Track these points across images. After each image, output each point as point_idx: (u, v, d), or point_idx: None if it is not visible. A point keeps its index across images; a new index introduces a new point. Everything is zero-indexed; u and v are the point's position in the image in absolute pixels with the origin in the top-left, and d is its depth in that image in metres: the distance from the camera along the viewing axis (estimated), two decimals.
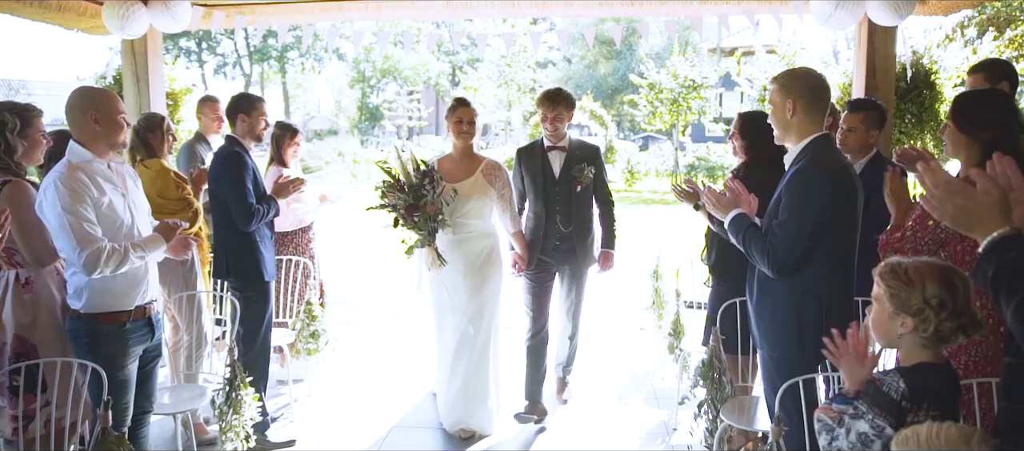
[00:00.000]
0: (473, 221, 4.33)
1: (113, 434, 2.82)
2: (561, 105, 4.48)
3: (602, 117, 23.17)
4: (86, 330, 3.07)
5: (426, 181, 4.12)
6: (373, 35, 7.15)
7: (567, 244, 4.56)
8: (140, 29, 5.21)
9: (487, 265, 4.38)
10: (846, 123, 4.13)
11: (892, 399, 1.96)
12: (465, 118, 4.33)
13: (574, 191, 4.52)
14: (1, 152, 3.17)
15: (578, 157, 4.54)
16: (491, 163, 4.39)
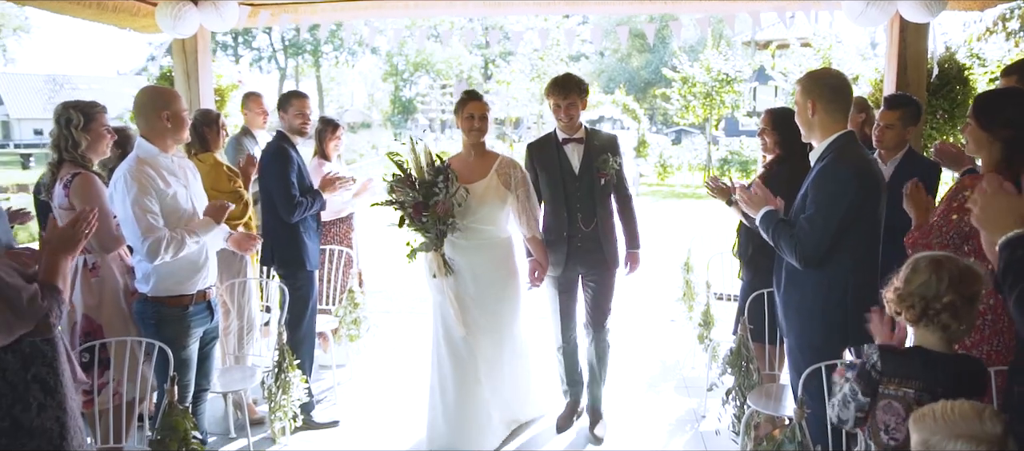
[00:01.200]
0: (486, 227, 3.98)
1: (179, 408, 3.04)
2: (573, 92, 4.07)
3: (635, 111, 23.14)
4: (153, 312, 3.31)
5: (440, 178, 3.81)
6: (407, 29, 7.33)
7: (591, 244, 4.18)
8: (191, 28, 5.46)
9: (502, 277, 4.06)
10: (883, 120, 4.12)
11: (865, 369, 2.20)
12: (476, 113, 3.95)
13: (598, 185, 4.15)
14: (68, 147, 3.41)
15: (598, 148, 4.16)
16: (506, 160, 4.05)
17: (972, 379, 2.18)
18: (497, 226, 4.02)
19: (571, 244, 4.18)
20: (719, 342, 4.77)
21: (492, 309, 4.04)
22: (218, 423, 4.53)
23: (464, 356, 4.03)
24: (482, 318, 4.02)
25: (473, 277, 4.00)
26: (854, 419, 2.22)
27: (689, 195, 19.24)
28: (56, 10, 5.44)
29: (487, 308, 4.03)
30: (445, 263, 3.93)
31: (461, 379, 4.04)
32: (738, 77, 21.86)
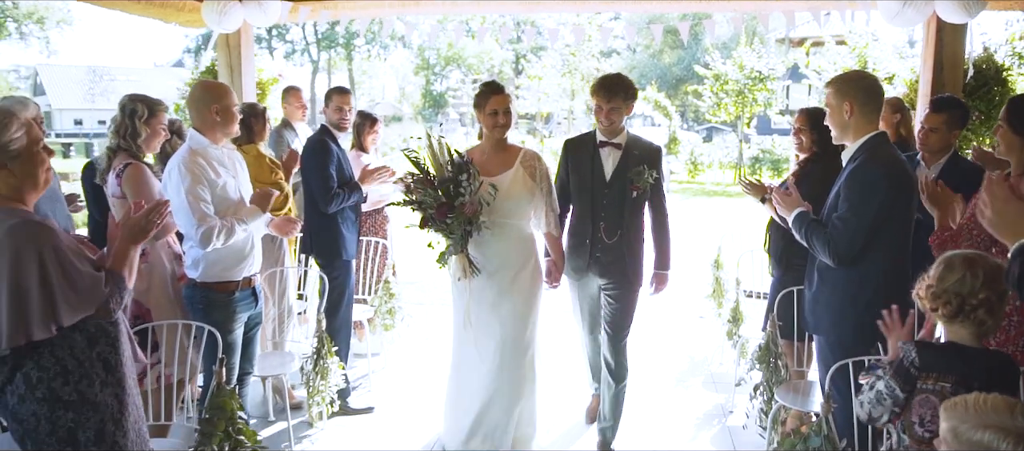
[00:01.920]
0: (513, 221, 3.76)
1: (226, 389, 3.19)
2: (619, 96, 3.79)
3: (666, 107, 23.11)
4: (201, 297, 3.46)
5: (463, 176, 3.54)
6: (439, 22, 7.43)
7: (612, 257, 3.90)
8: (235, 23, 5.62)
9: (527, 274, 3.83)
10: (927, 123, 4.04)
11: (903, 365, 2.23)
12: (500, 108, 3.68)
13: (628, 197, 3.85)
14: (128, 135, 3.58)
15: (636, 157, 3.85)
16: (530, 152, 3.84)
17: (1003, 374, 2.24)
18: (524, 220, 3.83)
19: (591, 253, 3.92)
20: (748, 339, 4.83)
21: (517, 310, 3.79)
22: (257, 407, 4.69)
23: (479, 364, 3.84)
24: (508, 320, 3.78)
25: (500, 276, 3.77)
26: (889, 414, 2.28)
27: (719, 193, 19.16)
28: (109, 6, 5.63)
29: (513, 309, 3.78)
30: (471, 264, 3.70)
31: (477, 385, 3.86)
32: (771, 75, 21.71)
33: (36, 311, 2.22)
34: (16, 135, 2.24)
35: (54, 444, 2.33)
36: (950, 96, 4.48)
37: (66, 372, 2.33)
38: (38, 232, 2.25)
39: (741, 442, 4.24)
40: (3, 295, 2.19)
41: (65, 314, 2.27)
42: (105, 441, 2.39)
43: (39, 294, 2.21)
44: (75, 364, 2.35)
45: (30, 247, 2.21)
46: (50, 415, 2.32)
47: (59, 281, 2.24)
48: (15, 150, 2.25)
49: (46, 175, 2.37)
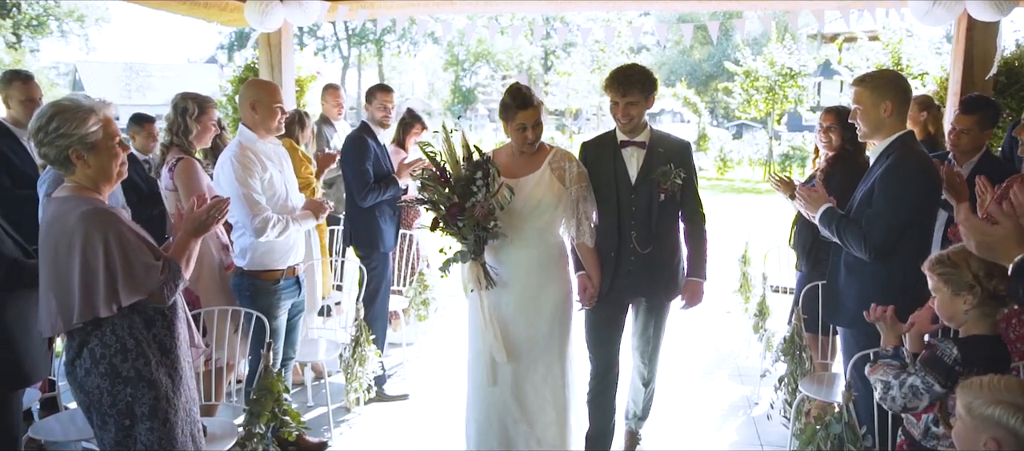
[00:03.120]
0: (538, 230, 3.41)
1: (272, 372, 3.37)
2: (635, 88, 3.40)
3: (695, 104, 23.06)
4: (248, 285, 3.65)
5: (478, 174, 3.23)
6: (469, 19, 7.59)
7: (645, 269, 3.54)
8: (276, 23, 5.81)
9: (555, 290, 3.46)
10: (958, 124, 4.05)
11: (945, 363, 2.29)
12: (528, 122, 3.31)
13: (656, 200, 3.49)
14: (180, 132, 3.78)
15: (662, 156, 3.49)
16: (560, 152, 3.47)
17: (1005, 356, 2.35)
18: (550, 229, 3.46)
19: (620, 266, 3.54)
20: (774, 332, 4.91)
21: (539, 329, 3.43)
22: (296, 395, 4.88)
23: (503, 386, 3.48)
24: (527, 341, 3.43)
25: (520, 290, 3.41)
26: (925, 406, 2.34)
27: (749, 190, 19.10)
28: (155, 5, 5.86)
29: (533, 328, 3.43)
30: (486, 274, 3.36)
31: (499, 413, 3.52)
32: (802, 71, 21.56)
33: (101, 291, 2.40)
34: (93, 129, 2.43)
35: (114, 416, 2.52)
36: (980, 96, 4.46)
37: (125, 350, 2.51)
38: (106, 219, 2.44)
39: (765, 432, 4.34)
40: (75, 274, 2.39)
41: (124, 295, 2.44)
42: (157, 416, 2.56)
43: (104, 275, 2.39)
44: (133, 343, 2.53)
45: (98, 232, 2.39)
46: (111, 389, 2.50)
47: (120, 265, 2.42)
48: (92, 142, 2.44)
49: (120, 169, 2.55)
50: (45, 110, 2.43)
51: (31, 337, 2.74)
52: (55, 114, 2.41)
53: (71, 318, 2.41)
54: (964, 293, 2.32)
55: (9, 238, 2.69)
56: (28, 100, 4.31)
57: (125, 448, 2.55)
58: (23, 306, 2.71)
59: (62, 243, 2.40)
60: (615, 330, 3.70)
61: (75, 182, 2.50)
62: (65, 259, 2.39)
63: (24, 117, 4.24)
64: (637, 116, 3.48)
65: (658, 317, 3.71)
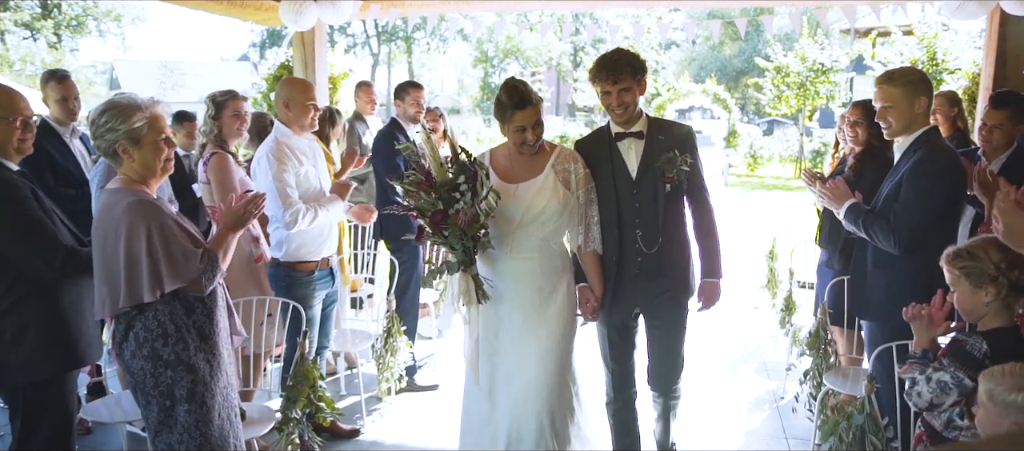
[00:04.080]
0: (540, 240, 3.09)
1: (308, 360, 3.49)
2: (625, 74, 3.08)
3: (726, 100, 22.91)
4: (284, 275, 3.78)
5: (462, 178, 2.91)
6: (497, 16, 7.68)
7: (654, 270, 3.24)
8: (310, 22, 5.94)
9: (560, 302, 3.16)
10: (989, 120, 4.01)
11: (975, 357, 2.32)
12: (528, 123, 3.02)
13: (662, 191, 3.18)
14: (209, 129, 3.93)
15: (664, 143, 3.18)
16: (565, 153, 3.18)
17: None
18: (555, 238, 3.16)
19: (625, 271, 3.24)
20: (800, 326, 4.94)
21: (543, 347, 3.12)
22: (330, 384, 5.01)
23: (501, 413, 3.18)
24: (529, 359, 3.12)
25: (521, 304, 3.11)
26: (952, 401, 2.36)
27: (779, 187, 18.96)
28: (193, 5, 6.03)
29: (536, 346, 3.12)
30: (479, 288, 3.03)
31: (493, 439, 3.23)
32: (834, 67, 21.31)
33: (145, 277, 2.54)
34: (138, 124, 2.57)
35: (156, 397, 2.67)
36: (1011, 91, 4.44)
37: (166, 334, 2.65)
38: (149, 210, 2.59)
39: (790, 426, 4.37)
40: (121, 261, 2.53)
41: (167, 281, 2.58)
42: (195, 399, 2.69)
43: (147, 262, 2.54)
44: (173, 328, 2.66)
45: (142, 222, 2.54)
46: (153, 370, 2.65)
47: (163, 253, 2.57)
48: (136, 137, 2.58)
49: (165, 165, 2.69)
50: (100, 105, 2.60)
51: (86, 321, 2.89)
52: (106, 109, 2.57)
53: (118, 302, 2.56)
54: (986, 286, 2.35)
55: (65, 227, 2.84)
56: (63, 99, 4.43)
57: (166, 427, 2.70)
58: (78, 292, 2.86)
59: (110, 232, 2.55)
60: (629, 340, 3.43)
61: (125, 175, 2.65)
62: (112, 247, 2.54)
63: (62, 115, 4.41)
64: (632, 103, 3.16)
65: (675, 327, 3.36)
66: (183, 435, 2.70)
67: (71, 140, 4.46)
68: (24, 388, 2.80)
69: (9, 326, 2.74)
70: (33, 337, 2.77)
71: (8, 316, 2.74)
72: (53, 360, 2.82)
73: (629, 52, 3.15)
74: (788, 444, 4.19)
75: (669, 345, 3.37)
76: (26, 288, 2.76)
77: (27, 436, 2.83)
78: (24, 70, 32.16)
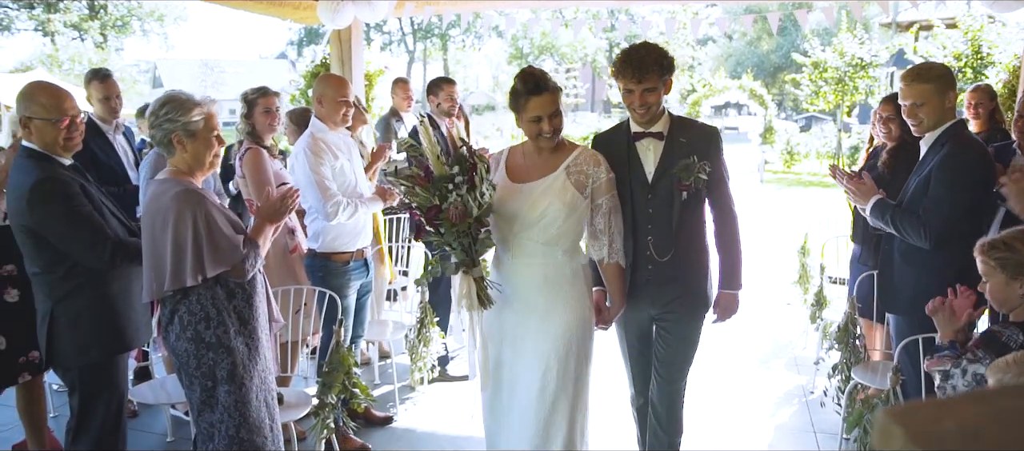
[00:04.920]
0: (543, 244, 2.84)
1: (343, 348, 3.62)
2: (652, 72, 2.85)
3: (762, 96, 22.68)
4: (320, 266, 3.91)
5: (457, 169, 2.71)
6: (532, 13, 7.75)
7: (663, 281, 3.03)
8: (347, 20, 6.08)
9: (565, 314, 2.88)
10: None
11: (1012, 348, 2.34)
12: (545, 113, 2.80)
13: (678, 198, 2.96)
14: (242, 126, 4.08)
15: (684, 147, 2.96)
16: (586, 155, 2.91)
17: None
18: (559, 243, 2.86)
19: (638, 277, 3.06)
20: (831, 321, 4.94)
21: (546, 361, 2.86)
22: (363, 373, 5.15)
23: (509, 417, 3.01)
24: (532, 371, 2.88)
25: (522, 309, 2.90)
26: None
27: (815, 183, 18.73)
28: (233, 5, 6.22)
29: (538, 358, 2.87)
30: (484, 291, 2.84)
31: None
32: (874, 61, 20.97)
33: (189, 262, 2.68)
34: (195, 118, 2.73)
35: (199, 377, 2.81)
36: None
37: (208, 318, 2.79)
38: (195, 199, 2.73)
39: (819, 419, 4.39)
40: (168, 247, 2.68)
41: (209, 267, 2.73)
42: (235, 381, 2.83)
43: (192, 248, 2.68)
44: (215, 312, 2.80)
45: (188, 210, 2.69)
46: (196, 352, 2.79)
47: (206, 239, 2.71)
48: (192, 130, 2.74)
49: (213, 160, 2.85)
50: (162, 97, 2.77)
51: (133, 308, 3.04)
52: (168, 102, 2.74)
53: (164, 285, 2.70)
54: (1022, 277, 2.37)
55: (115, 217, 2.99)
56: (106, 98, 4.59)
57: (208, 407, 2.85)
58: (126, 281, 3.01)
59: (158, 219, 2.70)
60: (646, 345, 3.23)
61: (174, 166, 2.79)
62: (160, 233, 2.69)
63: (105, 113, 4.58)
64: (656, 104, 2.93)
65: (683, 338, 3.12)
66: (223, 415, 2.84)
67: (115, 137, 4.63)
68: (80, 370, 2.96)
69: (64, 313, 2.90)
70: (86, 323, 2.92)
71: (63, 303, 2.90)
72: (104, 344, 2.97)
73: (658, 49, 2.89)
74: (816, 438, 4.20)
75: (675, 348, 3.11)
76: (80, 278, 2.91)
77: (84, 413, 3.01)
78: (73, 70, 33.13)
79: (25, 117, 2.82)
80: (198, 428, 2.91)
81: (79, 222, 2.82)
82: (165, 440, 4.20)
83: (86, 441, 3.02)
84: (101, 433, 3.02)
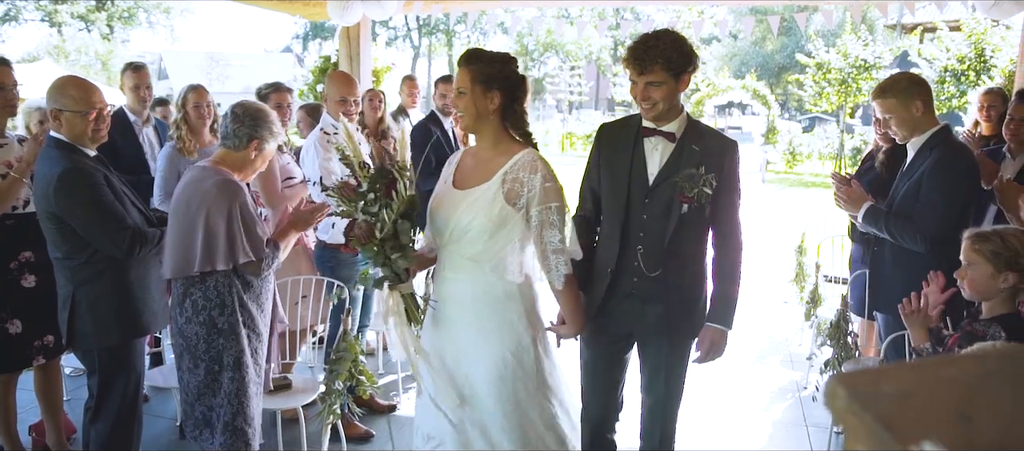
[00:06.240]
0: (470, 260, 2.54)
1: (351, 336, 3.73)
2: (656, 63, 2.52)
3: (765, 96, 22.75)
4: (330, 257, 4.03)
5: (378, 185, 2.51)
6: (537, 11, 7.86)
7: (648, 298, 2.70)
8: (356, 17, 6.20)
9: (500, 338, 2.57)
10: (1018, 114, 4.00)
11: None
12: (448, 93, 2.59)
13: (677, 209, 2.62)
14: None
15: (695, 155, 2.62)
16: (525, 161, 2.51)
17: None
18: (487, 260, 2.53)
19: (618, 287, 2.72)
20: (825, 319, 5.04)
21: (479, 389, 2.58)
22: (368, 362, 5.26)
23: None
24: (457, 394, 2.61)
25: (454, 331, 2.63)
26: None
27: (818, 184, 18.83)
28: (248, 1, 6.32)
29: (472, 385, 2.59)
30: (413, 308, 2.63)
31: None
32: (877, 63, 21.05)
33: (221, 247, 2.85)
34: (274, 145, 3.03)
35: (206, 361, 2.97)
36: None
37: (223, 305, 2.95)
38: (236, 190, 2.91)
39: (811, 413, 4.50)
40: (199, 230, 2.84)
41: (240, 254, 2.90)
42: (239, 369, 3.00)
43: (226, 235, 2.85)
44: (231, 301, 2.96)
45: (225, 200, 2.86)
46: (206, 336, 2.94)
47: (241, 229, 2.88)
48: (262, 146, 3.00)
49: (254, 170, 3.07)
50: (265, 109, 3.09)
51: (149, 294, 3.16)
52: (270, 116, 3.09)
53: (192, 266, 2.86)
54: (1006, 272, 2.46)
55: (135, 207, 3.11)
56: (136, 87, 4.71)
57: (210, 391, 3.01)
58: (144, 269, 3.14)
59: (194, 201, 2.86)
60: (615, 368, 2.89)
61: (222, 160, 2.99)
62: (194, 215, 2.84)
63: (136, 104, 4.71)
64: (662, 100, 2.58)
65: (671, 365, 2.80)
66: (223, 400, 3.00)
67: (142, 129, 4.74)
68: (99, 352, 3.09)
69: (85, 297, 3.02)
70: (104, 307, 3.04)
71: (84, 287, 3.03)
72: (120, 328, 3.09)
73: (672, 40, 2.55)
74: (808, 431, 4.32)
75: (665, 377, 2.80)
76: (100, 264, 3.03)
77: (103, 394, 3.14)
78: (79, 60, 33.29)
79: (56, 109, 2.94)
80: (194, 411, 3.06)
81: (101, 211, 2.93)
82: (175, 424, 4.32)
83: (104, 420, 3.15)
84: (119, 413, 3.15)
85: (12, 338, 3.46)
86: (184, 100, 4.24)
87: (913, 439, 0.56)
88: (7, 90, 3.41)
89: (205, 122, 4.25)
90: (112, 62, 37.76)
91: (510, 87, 2.53)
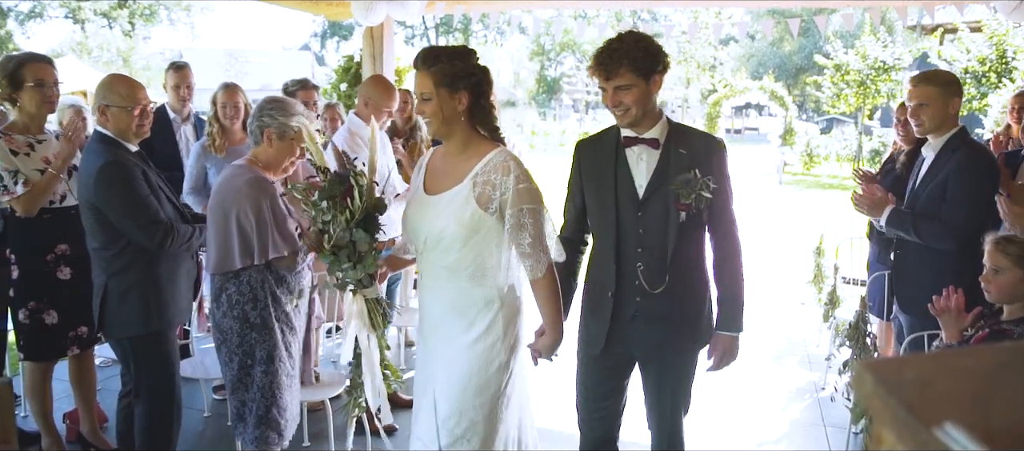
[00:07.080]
0: (446, 268, 2.45)
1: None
2: (622, 67, 2.39)
3: (783, 98, 22.69)
4: None
5: (338, 188, 2.52)
6: (555, 11, 7.92)
7: (656, 316, 2.59)
8: (379, 18, 6.29)
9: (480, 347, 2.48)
10: None
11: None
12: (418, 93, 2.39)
13: (675, 219, 2.51)
14: None
15: (684, 159, 2.49)
16: (496, 161, 2.39)
17: None
18: (464, 267, 2.43)
19: (621, 311, 2.61)
20: (844, 320, 5.07)
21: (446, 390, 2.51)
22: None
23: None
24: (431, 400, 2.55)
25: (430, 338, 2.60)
26: None
27: (835, 186, 18.75)
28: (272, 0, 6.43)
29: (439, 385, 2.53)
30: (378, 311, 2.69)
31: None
32: (896, 65, 20.93)
33: (255, 242, 2.95)
34: (292, 124, 3.02)
35: (239, 355, 3.06)
36: None
37: (256, 299, 3.03)
38: (266, 187, 3.00)
39: (829, 413, 4.54)
40: (234, 226, 2.93)
41: (272, 250, 2.99)
42: (272, 362, 3.09)
43: (257, 232, 2.94)
44: (263, 295, 3.04)
45: (255, 197, 2.95)
46: (240, 330, 3.03)
47: (272, 225, 2.98)
48: (284, 133, 3.02)
49: (288, 166, 3.12)
50: (274, 96, 3.13)
51: (177, 288, 3.25)
52: (275, 101, 3.11)
53: (233, 262, 2.95)
54: None
55: (170, 203, 3.21)
56: (175, 86, 4.84)
57: (242, 385, 3.10)
58: (173, 262, 3.23)
59: (228, 199, 2.96)
60: (614, 394, 2.79)
61: (253, 157, 3.07)
62: (228, 212, 2.94)
63: (176, 102, 4.85)
64: (634, 104, 2.44)
65: (677, 379, 2.71)
66: (256, 393, 3.09)
67: (181, 126, 4.86)
68: (129, 341, 3.18)
69: (117, 287, 3.12)
70: (134, 297, 3.14)
71: (116, 277, 3.12)
72: (148, 319, 3.19)
73: (636, 40, 2.43)
74: (826, 431, 4.35)
75: (672, 392, 2.72)
76: (132, 255, 3.13)
77: (139, 381, 3.23)
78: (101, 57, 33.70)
79: (103, 105, 3.05)
80: (231, 405, 3.16)
81: (136, 203, 3.03)
82: (203, 415, 4.42)
83: (142, 409, 3.24)
84: (152, 403, 3.24)
85: (49, 329, 3.58)
86: (214, 98, 4.35)
87: (935, 421, 0.61)
88: (47, 87, 3.51)
89: (234, 121, 4.34)
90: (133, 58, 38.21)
91: (476, 84, 2.40)
